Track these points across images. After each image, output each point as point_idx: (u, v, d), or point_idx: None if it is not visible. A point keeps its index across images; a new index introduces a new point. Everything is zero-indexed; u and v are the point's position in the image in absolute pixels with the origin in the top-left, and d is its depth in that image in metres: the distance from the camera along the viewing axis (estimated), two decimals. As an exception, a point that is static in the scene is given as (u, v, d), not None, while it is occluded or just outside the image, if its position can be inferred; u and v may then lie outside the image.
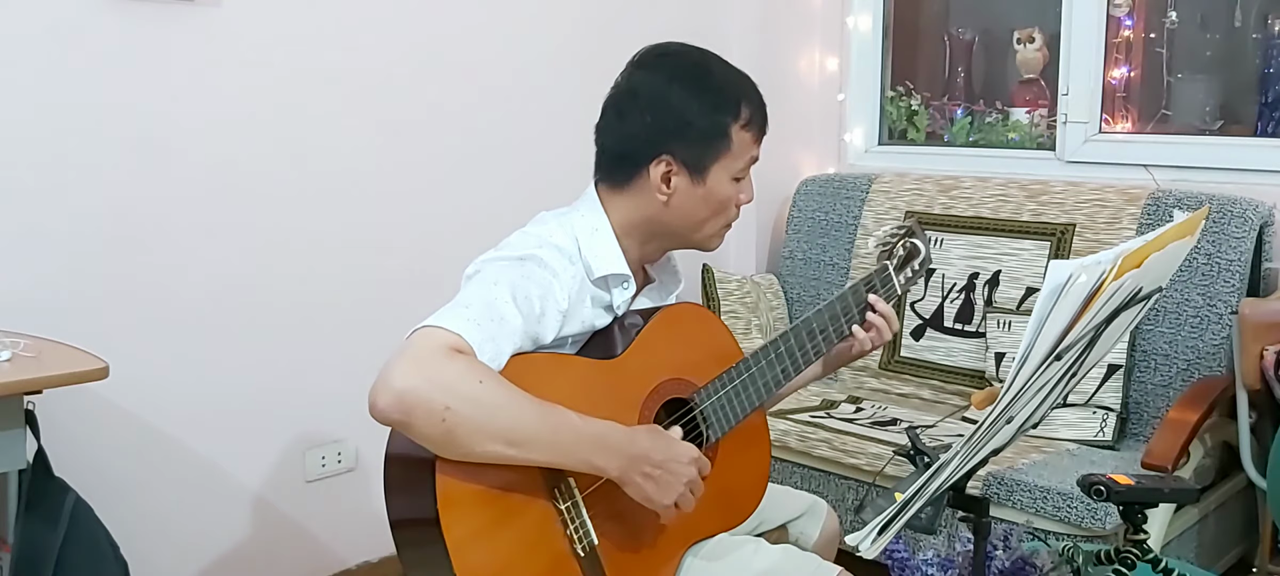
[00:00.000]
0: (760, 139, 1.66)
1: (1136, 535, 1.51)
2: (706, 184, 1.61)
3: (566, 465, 1.46)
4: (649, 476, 1.48)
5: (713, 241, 1.69)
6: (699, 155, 1.60)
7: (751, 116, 1.63)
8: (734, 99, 1.61)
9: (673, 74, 1.61)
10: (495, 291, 1.46)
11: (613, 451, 1.46)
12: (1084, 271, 1.19)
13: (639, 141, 1.60)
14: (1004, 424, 1.38)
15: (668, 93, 1.60)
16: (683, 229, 1.65)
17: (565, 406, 1.44)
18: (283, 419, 2.71)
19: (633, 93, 1.62)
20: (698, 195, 1.61)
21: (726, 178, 1.62)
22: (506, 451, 1.39)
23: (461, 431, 1.35)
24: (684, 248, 1.71)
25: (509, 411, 1.38)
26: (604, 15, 3.12)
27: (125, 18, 2.37)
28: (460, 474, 1.39)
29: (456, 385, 1.35)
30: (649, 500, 1.49)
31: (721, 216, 1.66)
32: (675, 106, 1.59)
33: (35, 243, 2.29)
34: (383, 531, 1.49)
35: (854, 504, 2.73)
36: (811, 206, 3.57)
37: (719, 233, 1.68)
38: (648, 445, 1.49)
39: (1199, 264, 2.78)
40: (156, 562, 2.48)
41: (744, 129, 1.62)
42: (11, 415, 1.89)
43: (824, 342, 1.75)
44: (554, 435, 1.42)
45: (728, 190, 1.63)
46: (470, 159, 2.98)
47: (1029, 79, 3.51)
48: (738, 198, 1.65)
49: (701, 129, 1.59)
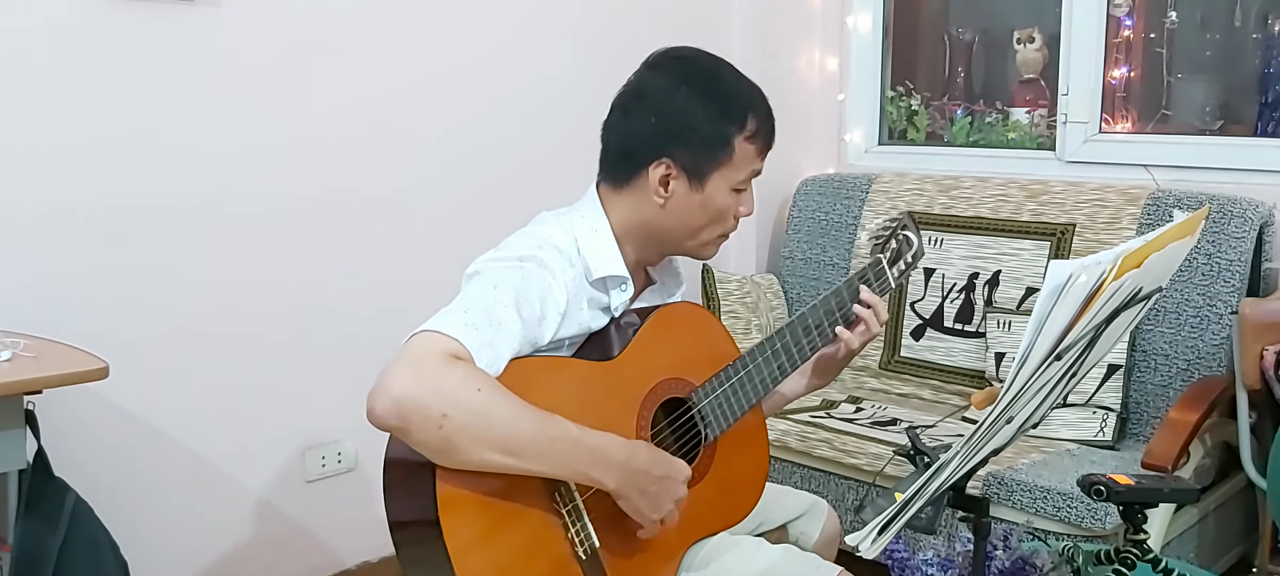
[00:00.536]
0: (764, 153, 1.64)
1: (1136, 535, 1.51)
2: (705, 191, 1.60)
3: (564, 476, 1.46)
4: (644, 493, 1.49)
5: (707, 250, 1.67)
6: (699, 161, 1.59)
7: (757, 129, 1.61)
8: (742, 109, 1.60)
9: (682, 77, 1.60)
10: (495, 295, 1.45)
11: (611, 465, 1.46)
12: (1084, 271, 1.19)
13: (641, 141, 1.60)
14: (1004, 424, 1.38)
15: (675, 95, 1.59)
16: (678, 235, 1.64)
17: (564, 410, 1.44)
18: (282, 419, 2.71)
19: (641, 93, 1.62)
20: (695, 202, 1.60)
21: (726, 187, 1.61)
22: (504, 460, 1.38)
23: (459, 439, 1.34)
24: (679, 254, 1.70)
25: (507, 421, 1.38)
26: (605, 15, 3.12)
27: (125, 18, 2.37)
28: (461, 478, 1.39)
29: (455, 393, 1.34)
30: (639, 514, 1.50)
31: (718, 226, 1.65)
32: (681, 110, 1.58)
33: (35, 242, 2.29)
34: (382, 532, 1.49)
35: (854, 504, 2.73)
36: (811, 206, 3.57)
37: (715, 242, 1.67)
38: (648, 460, 1.50)
39: (1199, 264, 2.78)
40: (156, 562, 2.48)
41: (748, 141, 1.61)
42: (11, 415, 1.89)
43: (819, 337, 1.74)
44: (551, 446, 1.41)
45: (726, 200, 1.62)
46: (471, 159, 2.98)
47: (1029, 79, 3.51)
48: (737, 209, 1.64)
49: (704, 135, 1.58)
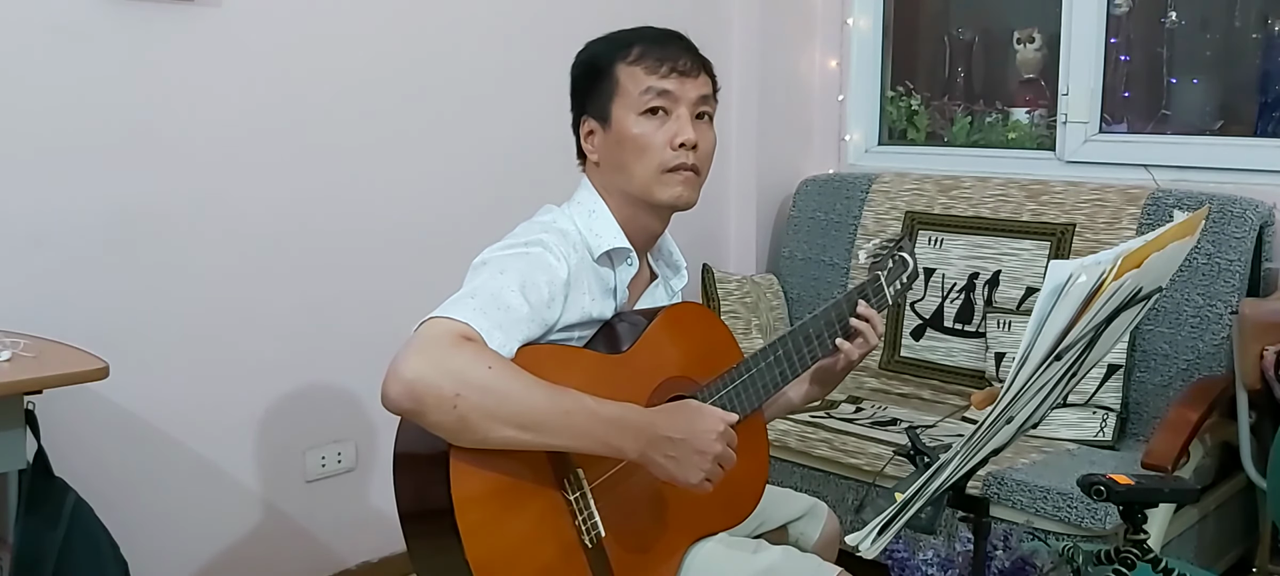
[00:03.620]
0: (659, 70, 1.61)
1: (1136, 535, 1.51)
2: (613, 128, 1.63)
3: (583, 448, 1.45)
4: (671, 457, 1.47)
5: (661, 190, 1.62)
6: (599, 103, 1.64)
7: (642, 52, 1.62)
8: (624, 43, 1.64)
9: (583, 48, 1.69)
10: (502, 281, 1.47)
11: (631, 431, 1.46)
12: (1084, 271, 1.19)
13: (573, 117, 1.70)
14: (1004, 424, 1.38)
15: (576, 62, 1.69)
16: (621, 182, 1.64)
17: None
18: (282, 419, 2.71)
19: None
20: (612, 142, 1.63)
21: (630, 116, 1.61)
22: (521, 436, 1.39)
23: (474, 417, 1.35)
24: (651, 203, 1.64)
25: (520, 396, 1.38)
26: (606, 16, 3.11)
27: (125, 18, 2.37)
28: (472, 465, 1.40)
29: (465, 372, 1.35)
30: (673, 479, 1.48)
31: (650, 159, 1.61)
32: (576, 70, 1.69)
33: (35, 242, 2.29)
34: (383, 532, 1.50)
35: (854, 504, 2.73)
36: (811, 206, 3.57)
37: (661, 178, 1.61)
38: (666, 423, 1.48)
39: (1199, 264, 2.78)
40: (156, 562, 2.48)
41: (633, 63, 1.62)
42: (11, 415, 1.89)
43: (819, 347, 1.76)
44: (567, 419, 1.41)
45: (638, 129, 1.61)
46: (473, 159, 2.98)
47: (1029, 79, 3.51)
48: (664, 137, 1.60)
49: (593, 79, 1.65)
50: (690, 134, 1.61)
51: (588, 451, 1.46)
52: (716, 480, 1.51)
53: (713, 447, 1.49)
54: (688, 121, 1.62)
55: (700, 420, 1.50)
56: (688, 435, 1.48)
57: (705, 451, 1.48)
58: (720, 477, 1.52)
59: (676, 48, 1.64)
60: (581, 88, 1.68)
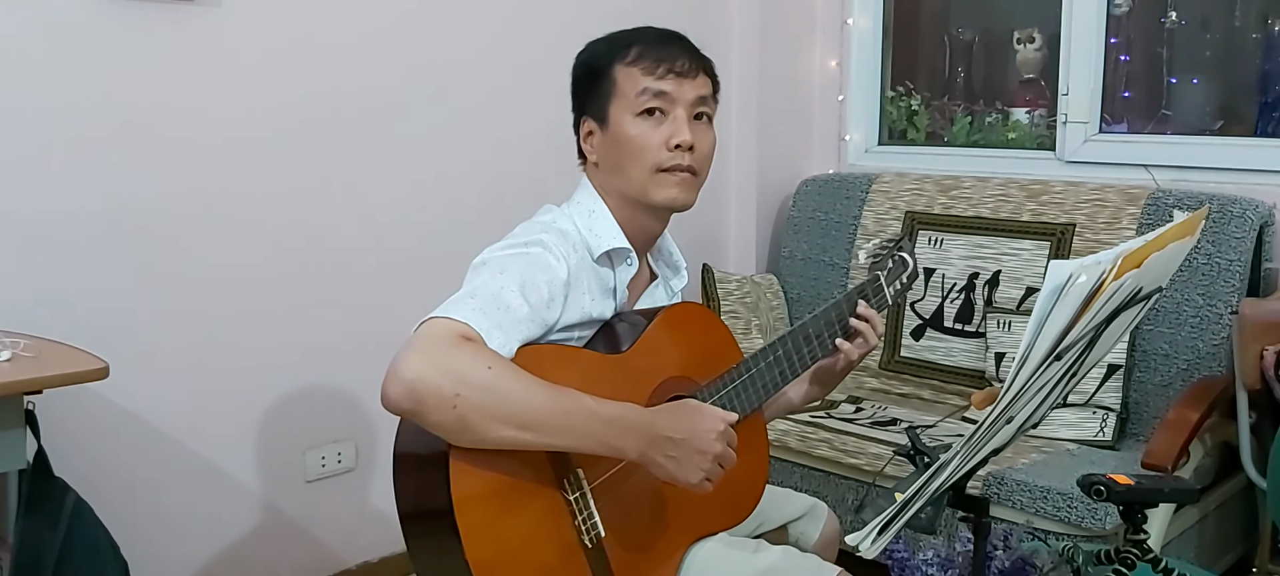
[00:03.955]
0: (655, 71, 1.61)
1: (1136, 535, 1.51)
2: (611, 129, 1.63)
3: (583, 448, 1.45)
4: (671, 457, 1.47)
5: (656, 191, 1.62)
6: (597, 105, 1.65)
7: (640, 53, 1.62)
8: (623, 44, 1.65)
9: (583, 48, 1.70)
10: (502, 281, 1.47)
11: (631, 431, 1.46)
12: (1084, 271, 1.19)
13: (573, 117, 1.70)
14: (1004, 424, 1.38)
15: (576, 63, 1.69)
16: (619, 183, 1.64)
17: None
18: (282, 419, 2.71)
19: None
20: (610, 143, 1.64)
21: (626, 117, 1.61)
22: (520, 436, 1.39)
23: (473, 417, 1.36)
24: (647, 204, 1.64)
25: (520, 396, 1.39)
26: (607, 17, 3.11)
27: (125, 18, 2.37)
28: (472, 465, 1.40)
29: (465, 372, 1.35)
30: (673, 479, 1.48)
31: (643, 159, 1.61)
32: (576, 70, 1.69)
33: (35, 243, 2.29)
34: (383, 532, 1.50)
35: (854, 504, 2.73)
36: (811, 206, 3.57)
37: (656, 179, 1.61)
38: (666, 423, 1.48)
39: (1199, 264, 2.78)
40: (156, 562, 2.48)
41: (630, 64, 1.62)
42: (11, 415, 1.89)
43: (819, 347, 1.77)
44: (567, 418, 1.42)
45: (633, 130, 1.61)
46: (473, 160, 2.98)
47: (1029, 79, 3.51)
48: (654, 137, 1.60)
49: (592, 79, 1.65)
50: (686, 135, 1.61)
51: (588, 451, 1.46)
52: (716, 480, 1.51)
53: (713, 447, 1.49)
54: (684, 122, 1.62)
55: (700, 420, 1.50)
56: (688, 435, 1.48)
57: (705, 451, 1.48)
58: (720, 477, 1.52)
59: (675, 48, 1.64)
60: (581, 88, 1.68)
